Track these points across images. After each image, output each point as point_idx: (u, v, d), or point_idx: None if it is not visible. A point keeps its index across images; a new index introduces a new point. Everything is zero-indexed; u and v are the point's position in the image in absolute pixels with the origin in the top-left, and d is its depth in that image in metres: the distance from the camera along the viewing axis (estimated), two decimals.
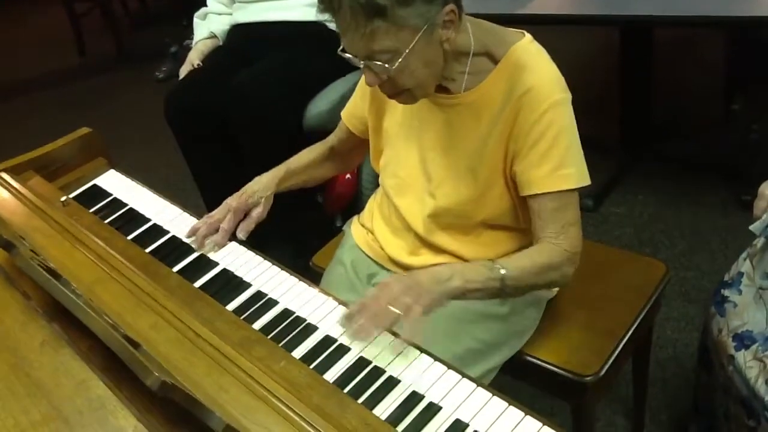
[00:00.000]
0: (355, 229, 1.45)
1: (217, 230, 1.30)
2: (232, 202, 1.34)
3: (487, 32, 1.19)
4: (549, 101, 1.13)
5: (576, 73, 1.20)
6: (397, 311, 1.03)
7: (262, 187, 1.39)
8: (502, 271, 1.13)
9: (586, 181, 1.19)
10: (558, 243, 1.18)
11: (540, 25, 1.98)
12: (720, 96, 2.79)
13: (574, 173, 1.17)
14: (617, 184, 2.55)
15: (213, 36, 2.30)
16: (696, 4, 1.86)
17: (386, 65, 1.07)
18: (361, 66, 1.10)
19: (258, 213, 1.36)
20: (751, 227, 1.21)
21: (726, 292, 1.28)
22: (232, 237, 1.32)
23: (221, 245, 1.29)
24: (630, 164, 2.64)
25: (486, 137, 1.19)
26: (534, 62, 1.16)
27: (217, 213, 1.32)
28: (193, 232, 1.31)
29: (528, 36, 1.20)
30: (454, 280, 1.10)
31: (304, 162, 1.47)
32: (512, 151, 1.18)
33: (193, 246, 1.30)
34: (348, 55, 1.10)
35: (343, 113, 1.46)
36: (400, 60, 1.07)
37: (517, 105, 1.14)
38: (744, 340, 1.23)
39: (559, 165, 1.15)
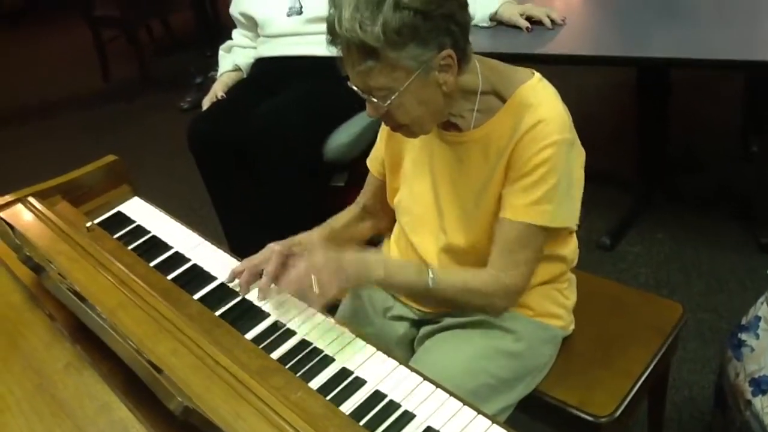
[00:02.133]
0: None
1: (258, 275, 1.27)
2: (275, 246, 1.30)
3: (495, 71, 1.21)
4: (550, 139, 1.15)
5: (593, 108, 1.22)
6: (314, 289, 1.10)
7: (308, 241, 1.35)
8: (431, 282, 1.19)
9: (566, 223, 1.21)
10: (499, 276, 1.20)
11: (557, 64, 2.01)
12: (738, 135, 2.79)
13: (551, 211, 1.18)
14: (634, 222, 2.55)
15: (237, 68, 2.35)
16: (714, 47, 1.88)
17: (380, 102, 1.11)
18: (365, 97, 1.13)
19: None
20: None
21: (743, 336, 1.28)
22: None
23: (265, 290, 1.24)
24: (647, 202, 2.64)
25: (491, 173, 1.21)
26: (541, 101, 1.17)
27: (258, 257, 1.29)
28: (234, 276, 1.28)
29: (537, 75, 1.22)
30: (377, 272, 1.19)
31: (342, 222, 1.46)
32: (507, 177, 1.20)
33: (235, 290, 1.27)
34: (353, 87, 1.13)
35: (369, 162, 1.46)
36: (393, 98, 1.10)
37: (521, 139, 1.16)
38: (761, 385, 1.22)
39: (539, 200, 1.16)
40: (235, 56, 2.36)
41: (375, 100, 1.11)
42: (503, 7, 2.15)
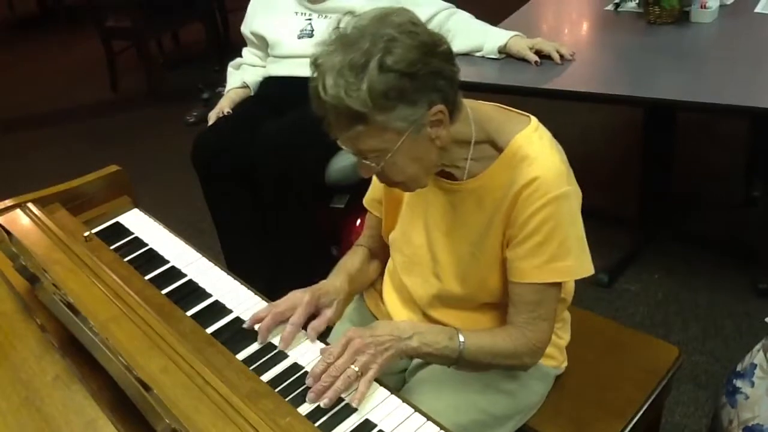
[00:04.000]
0: (367, 291, 1.46)
1: (280, 322, 1.21)
2: (304, 296, 1.23)
3: (489, 119, 1.18)
4: (549, 196, 1.12)
5: (598, 146, 1.22)
6: (356, 369, 1.07)
7: (334, 289, 1.29)
8: (461, 346, 1.15)
9: (586, 272, 1.19)
10: (526, 333, 1.18)
11: (564, 100, 2.02)
12: (741, 179, 2.80)
13: (572, 266, 1.16)
14: (633, 261, 2.55)
15: (245, 86, 2.36)
16: (721, 91, 1.89)
17: (373, 164, 1.09)
18: (357, 158, 1.11)
19: (330, 315, 1.25)
20: (767, 319, 1.21)
21: (738, 383, 1.27)
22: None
23: (288, 342, 1.18)
24: (647, 241, 2.64)
25: (487, 225, 1.19)
26: (536, 154, 1.14)
27: (282, 304, 1.22)
28: (255, 322, 1.21)
29: (533, 122, 1.18)
30: (412, 341, 1.13)
31: (357, 266, 1.39)
32: (507, 237, 1.18)
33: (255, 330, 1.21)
34: (344, 148, 1.11)
35: (368, 203, 1.43)
36: (386, 158, 1.08)
37: (518, 195, 1.14)
38: None
39: (552, 258, 1.15)
40: (244, 74, 2.37)
41: (367, 162, 1.09)
42: (512, 40, 2.17)
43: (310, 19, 2.23)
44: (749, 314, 2.23)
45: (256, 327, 1.20)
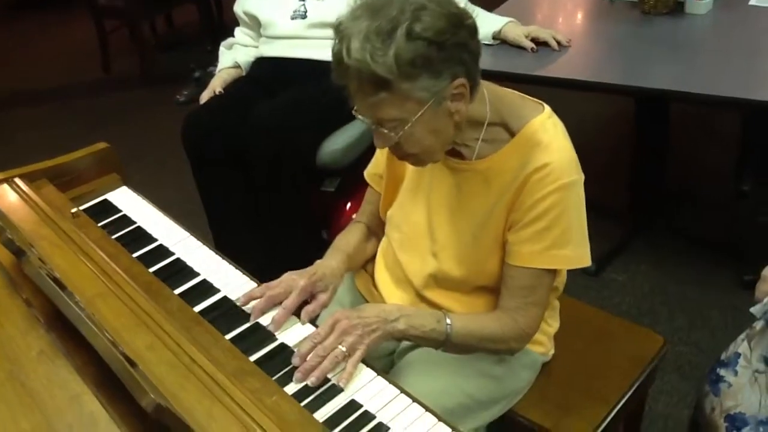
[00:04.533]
0: (358, 274, 1.46)
1: (275, 304, 1.20)
2: (300, 280, 1.22)
3: (505, 103, 1.19)
4: (558, 183, 1.13)
5: (590, 136, 1.22)
6: (343, 349, 1.07)
7: (330, 272, 1.28)
8: (449, 329, 1.15)
9: (583, 262, 1.20)
10: (516, 318, 1.19)
11: (557, 87, 2.02)
12: (731, 174, 2.81)
13: (570, 255, 1.17)
14: (621, 251, 2.56)
15: (237, 66, 2.34)
16: (714, 83, 1.89)
17: (391, 132, 1.08)
18: (373, 128, 1.11)
19: (324, 300, 1.24)
20: (752, 309, 1.22)
21: (722, 372, 1.27)
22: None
23: (280, 325, 1.17)
24: (636, 233, 2.65)
25: (492, 207, 1.19)
26: (550, 140, 1.15)
27: (277, 287, 1.21)
28: (248, 300, 1.21)
29: (547, 110, 1.19)
30: (399, 323, 1.14)
31: (353, 245, 1.38)
32: (511, 220, 1.18)
33: (246, 311, 1.21)
34: (360, 117, 1.11)
35: (369, 176, 1.42)
36: (405, 128, 1.07)
37: (528, 179, 1.14)
38: (736, 421, 1.22)
39: (552, 245, 1.15)
40: (236, 53, 2.35)
41: (385, 131, 1.08)
42: (508, 26, 2.16)
43: (303, 1, 2.21)
44: (735, 306, 2.25)
45: (250, 305, 1.21)
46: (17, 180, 1.46)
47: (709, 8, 2.29)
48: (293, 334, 1.16)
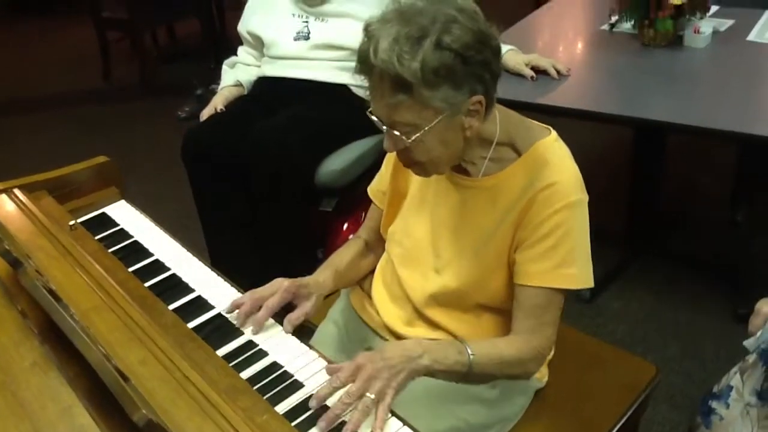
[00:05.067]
0: (353, 292, 1.46)
1: (259, 308, 1.21)
2: (284, 282, 1.24)
3: (514, 124, 1.21)
4: (565, 201, 1.15)
5: (588, 164, 1.23)
6: (372, 397, 1.02)
7: (315, 284, 1.29)
8: (471, 357, 1.13)
9: (588, 283, 1.20)
10: (530, 339, 1.19)
11: (556, 116, 2.03)
12: (727, 204, 2.83)
13: (576, 274, 1.18)
14: (616, 278, 2.56)
15: (239, 84, 2.36)
16: (712, 115, 1.91)
17: (403, 137, 1.09)
18: (384, 130, 1.12)
19: (308, 308, 1.25)
20: (745, 343, 1.22)
21: (713, 404, 1.27)
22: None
23: (260, 324, 1.19)
24: (631, 260, 2.66)
25: (498, 225, 1.20)
26: (557, 160, 1.17)
27: (263, 290, 1.23)
28: (234, 308, 1.22)
29: (554, 134, 1.22)
30: (423, 359, 1.09)
31: (346, 261, 1.40)
32: (517, 239, 1.19)
33: (234, 322, 1.21)
34: (374, 118, 1.12)
35: (372, 192, 1.43)
36: (417, 135, 1.08)
37: (534, 198, 1.16)
38: None
39: (560, 264, 1.16)
40: (238, 72, 2.37)
41: (397, 133, 1.09)
42: (508, 54, 2.18)
43: (306, 22, 2.23)
44: (728, 337, 2.25)
45: (235, 313, 1.21)
46: (16, 191, 1.46)
47: (707, 42, 2.32)
48: (285, 351, 1.16)
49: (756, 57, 2.24)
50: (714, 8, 2.50)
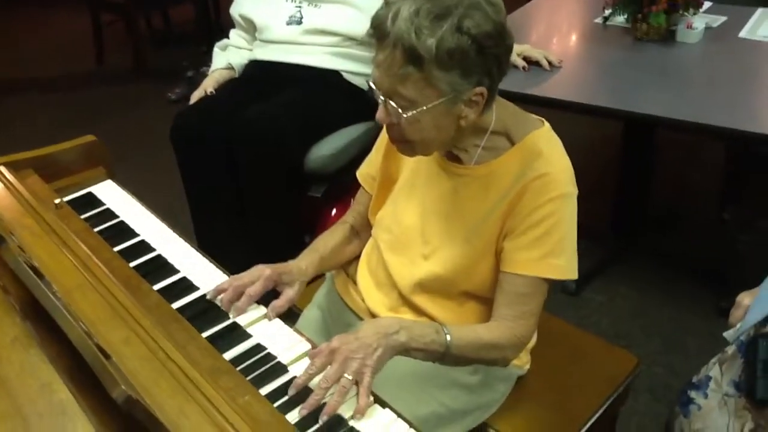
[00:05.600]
0: (338, 276, 1.46)
1: (242, 294, 1.21)
2: (265, 270, 1.24)
3: (509, 114, 1.22)
4: (557, 192, 1.16)
5: (577, 157, 1.23)
6: (349, 378, 1.02)
7: (299, 271, 1.30)
8: (448, 338, 1.13)
9: (573, 275, 1.21)
10: (512, 327, 1.19)
11: (547, 107, 2.04)
12: (715, 201, 2.84)
13: (563, 265, 1.19)
14: (602, 271, 2.58)
15: (230, 67, 2.35)
16: (702, 111, 1.92)
17: (400, 110, 1.09)
18: (380, 100, 1.11)
19: (291, 295, 1.26)
20: (725, 334, 1.24)
21: (692, 394, 1.29)
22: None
23: (241, 310, 1.19)
24: (617, 255, 2.67)
25: (489, 213, 1.21)
26: (550, 151, 1.18)
27: (245, 276, 1.23)
28: (217, 293, 1.22)
29: (547, 125, 1.23)
30: (400, 335, 1.09)
31: (330, 247, 1.39)
32: (507, 227, 1.19)
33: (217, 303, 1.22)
34: (372, 85, 1.12)
35: (362, 176, 1.43)
36: (414, 112, 1.08)
37: (526, 187, 1.16)
38: None
39: (549, 253, 1.17)
40: (230, 55, 2.36)
41: (394, 105, 1.09)
42: None
43: (299, 7, 2.22)
44: (711, 332, 2.27)
45: (218, 299, 1.21)
46: (2, 168, 1.45)
47: (699, 38, 2.32)
48: (269, 333, 1.16)
49: (747, 54, 2.25)
50: (707, 4, 2.50)
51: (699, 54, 2.28)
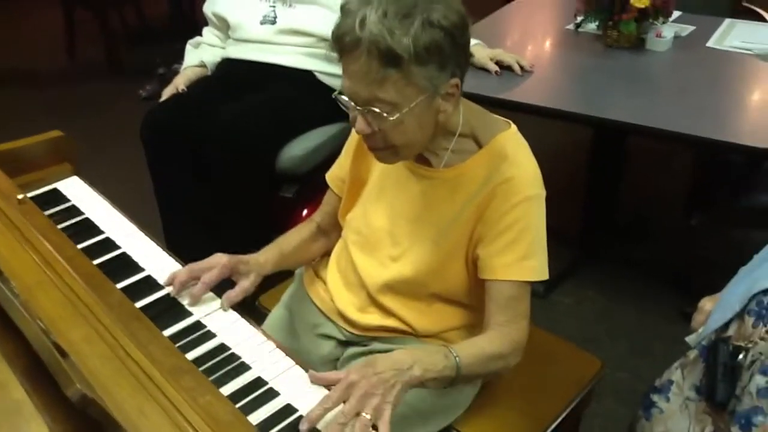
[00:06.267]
0: (307, 277, 1.46)
1: (196, 279, 1.22)
2: (222, 258, 1.26)
3: (476, 116, 1.22)
4: (524, 194, 1.17)
5: (547, 162, 1.24)
6: (368, 416, 0.99)
7: (256, 264, 1.31)
8: (457, 359, 1.12)
9: (544, 276, 1.22)
10: (508, 332, 1.20)
11: (518, 112, 2.05)
12: (683, 208, 2.88)
13: (537, 267, 1.20)
14: (570, 275, 2.60)
15: (202, 65, 2.33)
16: (670, 118, 1.95)
17: (384, 114, 1.08)
18: (356, 112, 1.10)
19: (246, 286, 1.27)
20: (687, 338, 1.26)
21: (655, 398, 1.30)
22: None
23: (197, 298, 1.20)
24: (586, 258, 2.69)
25: (457, 215, 1.21)
26: (516, 154, 1.19)
27: (202, 263, 1.25)
28: (172, 280, 1.22)
29: (513, 127, 1.24)
30: (414, 369, 1.07)
31: (293, 244, 1.40)
32: (478, 234, 1.20)
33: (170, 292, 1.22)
34: (344, 98, 1.11)
35: (330, 178, 1.42)
36: (398, 114, 1.08)
37: (493, 192, 1.17)
38: None
39: (523, 257, 1.18)
40: (202, 53, 2.34)
41: (377, 110, 1.07)
42: (474, 48, 2.19)
43: (273, 6, 2.21)
44: (676, 337, 2.28)
45: (172, 287, 1.22)
46: None
47: (668, 46, 2.36)
48: (232, 332, 1.16)
49: (714, 63, 2.29)
50: (676, 14, 2.54)
51: (668, 62, 2.32)
